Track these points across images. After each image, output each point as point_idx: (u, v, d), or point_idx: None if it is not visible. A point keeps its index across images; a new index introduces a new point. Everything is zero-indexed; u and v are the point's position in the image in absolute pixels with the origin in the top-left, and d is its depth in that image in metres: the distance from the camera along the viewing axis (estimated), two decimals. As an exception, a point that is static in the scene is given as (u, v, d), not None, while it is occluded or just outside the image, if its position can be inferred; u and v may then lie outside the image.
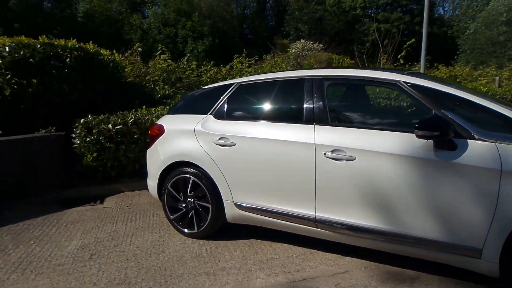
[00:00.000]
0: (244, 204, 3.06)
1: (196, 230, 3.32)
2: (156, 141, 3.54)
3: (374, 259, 2.88)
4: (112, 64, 5.95)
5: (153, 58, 9.18)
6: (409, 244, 2.42)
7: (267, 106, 3.15)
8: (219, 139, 3.12)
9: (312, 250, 3.08)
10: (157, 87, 6.86)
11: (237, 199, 3.08)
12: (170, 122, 3.52)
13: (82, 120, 4.89)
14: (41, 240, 3.45)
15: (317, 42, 18.96)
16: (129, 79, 6.86)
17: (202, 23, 28.10)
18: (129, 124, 4.92)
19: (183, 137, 3.33)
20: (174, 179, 3.37)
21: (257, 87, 3.21)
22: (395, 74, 2.64)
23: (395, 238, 2.46)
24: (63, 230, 3.69)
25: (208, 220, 3.24)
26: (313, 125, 2.77)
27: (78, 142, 4.87)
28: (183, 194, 3.38)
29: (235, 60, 9.34)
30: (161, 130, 3.52)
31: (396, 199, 2.41)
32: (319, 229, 2.78)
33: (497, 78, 9.27)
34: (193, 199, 3.32)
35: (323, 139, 2.69)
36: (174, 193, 3.41)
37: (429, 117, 2.29)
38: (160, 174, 3.45)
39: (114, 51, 6.50)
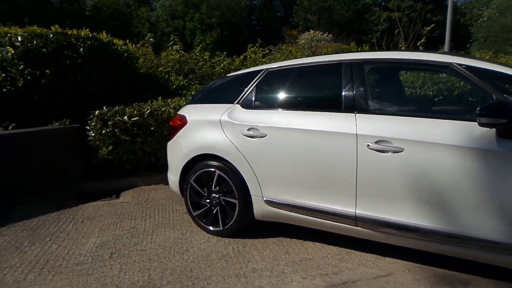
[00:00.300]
0: (274, 200, 2.84)
1: (221, 228, 3.11)
2: (178, 133, 3.33)
3: (416, 260, 2.65)
4: (126, 54, 5.74)
5: (165, 49, 8.95)
6: (466, 245, 2.18)
7: (300, 94, 2.91)
8: (248, 130, 2.89)
9: (348, 250, 2.86)
10: (171, 78, 6.63)
11: (267, 194, 2.86)
12: (192, 113, 3.30)
13: (97, 112, 4.69)
14: (57, 237, 3.26)
15: (327, 33, 18.57)
16: (142, 70, 6.64)
17: (210, 15, 27.78)
18: (145, 116, 4.71)
19: (207, 128, 3.11)
20: (197, 173, 3.16)
21: (288, 73, 2.96)
22: (446, 56, 2.38)
23: (449, 238, 2.22)
24: (80, 226, 3.50)
25: (235, 217, 3.02)
26: (353, 114, 2.52)
27: (93, 134, 4.68)
28: (207, 189, 3.16)
29: (249, 50, 9.07)
30: (183, 121, 3.30)
31: (452, 195, 2.17)
32: (359, 228, 2.54)
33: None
34: (218, 194, 3.10)
35: (365, 129, 2.44)
36: (198, 188, 3.20)
37: (494, 102, 2.03)
38: (183, 168, 3.24)
39: (127, 41, 6.28)
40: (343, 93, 2.62)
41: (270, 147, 2.79)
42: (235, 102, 3.09)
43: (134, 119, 4.67)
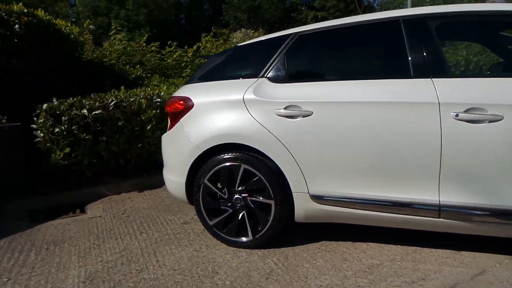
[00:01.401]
0: (326, 196, 2.24)
1: (250, 238, 2.43)
2: (180, 120, 2.57)
3: (498, 251, 2.24)
4: (72, 37, 4.69)
5: (108, 39, 7.84)
6: None
7: (350, 60, 2.36)
8: (285, 108, 2.26)
9: (412, 248, 2.37)
10: (126, 68, 5.67)
11: (315, 189, 2.25)
12: (200, 93, 2.56)
13: (45, 106, 3.66)
14: (18, 274, 2.32)
15: (258, 31, 18.37)
16: (89, 58, 5.59)
17: (137, 12, 26.17)
18: (111, 108, 3.79)
19: (225, 111, 2.41)
20: (213, 170, 2.44)
21: (329, 36, 2.38)
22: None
23: None
24: (47, 255, 2.57)
25: (270, 221, 2.37)
26: (429, 79, 2.02)
27: (42, 135, 3.65)
28: (227, 190, 2.46)
29: (203, 39, 8.31)
30: (187, 105, 2.55)
31: None
32: (443, 219, 2.05)
33: None
34: (243, 195, 2.42)
35: (450, 96, 1.96)
36: (214, 189, 2.48)
37: None
38: (191, 165, 2.49)
39: (69, 24, 5.19)
40: (409, 56, 2.10)
41: (318, 128, 2.19)
42: (259, 75, 2.42)
43: (97, 112, 3.73)
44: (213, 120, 2.43)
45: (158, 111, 3.99)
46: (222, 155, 2.42)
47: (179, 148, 2.56)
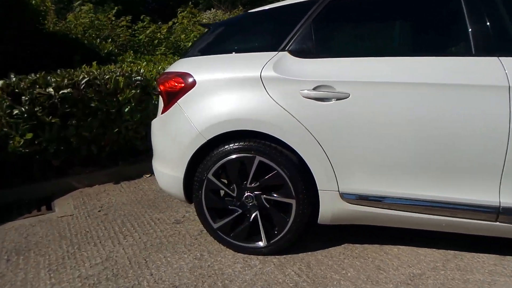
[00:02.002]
0: (362, 194, 1.87)
1: (264, 243, 2.03)
2: (178, 102, 2.09)
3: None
4: (33, 2, 4.00)
5: (72, 11, 7.04)
6: None
7: (397, 32, 1.95)
8: (315, 89, 1.84)
9: (451, 252, 2.06)
10: (97, 41, 5.00)
11: (348, 187, 1.87)
12: (203, 68, 2.08)
13: (1, 82, 3.03)
14: (-30, 297, 1.80)
15: (229, 12, 17.71)
16: (51, 31, 4.88)
17: (100, -13, 24.60)
18: (82, 87, 3.22)
19: (236, 90, 1.96)
20: (220, 163, 2.00)
21: (369, 2, 1.96)
22: None
23: None
24: (9, 269, 2.05)
25: (289, 224, 1.97)
26: (496, 58, 1.67)
27: (-3, 117, 3.03)
28: (236, 186, 2.04)
29: (179, 15, 7.66)
30: (186, 83, 2.07)
31: None
32: (499, 223, 1.74)
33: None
34: (256, 192, 2.01)
35: (523, 78, 1.62)
36: (220, 185, 2.05)
37: None
38: (192, 156, 2.03)
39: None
40: (470, 28, 1.74)
41: (355, 114, 1.79)
42: (280, 48, 1.98)
43: (65, 91, 3.15)
44: (220, 102, 1.97)
45: (138, 91, 3.46)
46: (232, 145, 1.98)
47: (177, 136, 2.09)
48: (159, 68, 3.83)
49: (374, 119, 1.78)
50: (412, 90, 1.73)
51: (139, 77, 3.50)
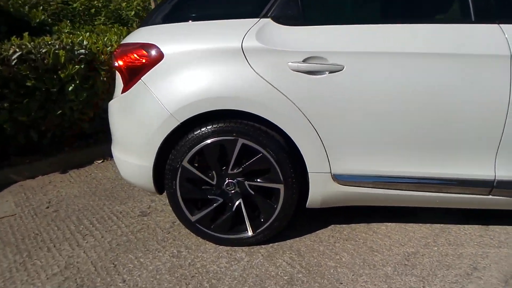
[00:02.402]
0: (355, 174, 1.74)
1: (250, 233, 1.85)
2: (142, 79, 1.78)
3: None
4: None
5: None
6: None
7: None
8: (305, 61, 1.63)
9: (437, 226, 2.03)
10: (25, 9, 4.31)
11: (341, 168, 1.73)
12: (171, 38, 1.77)
13: None
14: None
15: None
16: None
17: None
18: (13, 63, 2.72)
19: (213, 63, 1.69)
20: (197, 148, 1.75)
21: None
22: None
23: None
24: None
25: (278, 211, 1.81)
26: (497, 25, 1.57)
27: None
28: (216, 172, 1.81)
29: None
30: (151, 56, 1.75)
31: None
32: (492, 196, 1.71)
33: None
34: (239, 178, 1.80)
35: (525, 46, 1.54)
36: (198, 173, 1.80)
37: None
38: (162, 142, 1.76)
39: None
40: (469, -7, 1.62)
41: (350, 88, 1.62)
42: (262, 14, 1.72)
43: (-8, 68, 2.64)
44: (194, 77, 1.70)
45: (82, 66, 3.01)
46: (210, 127, 1.73)
47: (143, 119, 1.79)
48: (105, 39, 3.37)
49: (371, 93, 1.62)
50: (411, 61, 1.59)
51: (82, 50, 3.04)
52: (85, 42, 3.12)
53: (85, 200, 2.55)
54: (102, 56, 3.14)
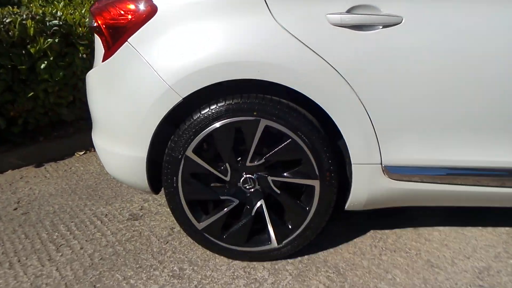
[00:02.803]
0: (411, 166, 1.31)
1: (274, 245, 1.42)
2: (128, 40, 1.32)
3: None
4: None
5: None
6: None
7: None
8: (349, 11, 1.19)
9: (502, 229, 1.63)
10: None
11: (393, 157, 1.31)
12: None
13: None
14: None
15: None
16: None
17: None
18: (-30, 33, 2.22)
19: (224, 16, 1.24)
20: (204, 134, 1.31)
21: None
22: None
23: None
24: None
25: (311, 214, 1.39)
26: None
27: None
28: (230, 165, 1.37)
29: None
30: (139, 10, 1.29)
31: None
32: None
33: None
34: (261, 173, 1.36)
35: None
36: (206, 166, 1.36)
37: None
38: (159, 125, 1.31)
39: None
40: None
41: (411, 48, 1.19)
42: None
43: None
44: (200, 37, 1.25)
45: (56, 40, 2.53)
46: (223, 104, 1.28)
47: (131, 94, 1.33)
48: (83, 11, 2.88)
49: (440, 55, 1.19)
50: (496, 10, 1.16)
51: (56, 21, 2.54)
52: (59, 13, 2.62)
53: (63, 199, 2.09)
54: (80, 29, 2.65)
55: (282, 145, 1.30)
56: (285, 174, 1.36)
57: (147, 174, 1.40)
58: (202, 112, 1.29)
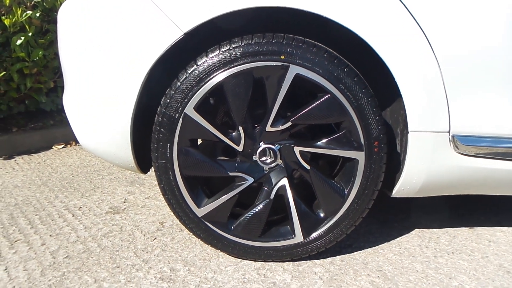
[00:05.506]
0: (495, 136, 0.98)
1: (300, 239, 1.06)
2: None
3: None
4: None
5: None
6: None
7: None
8: None
9: None
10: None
11: (466, 123, 0.97)
12: None
13: None
14: None
15: None
16: None
17: None
18: None
19: None
20: (211, 86, 0.97)
21: None
22: None
23: None
24: None
25: (352, 198, 1.03)
26: None
27: None
28: (243, 130, 1.02)
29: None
30: None
31: None
32: None
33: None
34: (284, 142, 1.02)
35: None
36: (212, 129, 1.01)
37: None
38: (149, 73, 0.97)
39: None
40: None
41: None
42: None
43: None
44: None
45: (37, 14, 2.20)
46: (238, 45, 0.95)
47: (114, 29, 0.99)
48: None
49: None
50: None
51: (38, -8, 2.24)
52: (43, -18, 2.31)
53: (30, 191, 1.71)
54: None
55: (318, 102, 0.97)
56: (318, 143, 1.02)
57: (132, 144, 1.05)
58: (210, 56, 0.96)
